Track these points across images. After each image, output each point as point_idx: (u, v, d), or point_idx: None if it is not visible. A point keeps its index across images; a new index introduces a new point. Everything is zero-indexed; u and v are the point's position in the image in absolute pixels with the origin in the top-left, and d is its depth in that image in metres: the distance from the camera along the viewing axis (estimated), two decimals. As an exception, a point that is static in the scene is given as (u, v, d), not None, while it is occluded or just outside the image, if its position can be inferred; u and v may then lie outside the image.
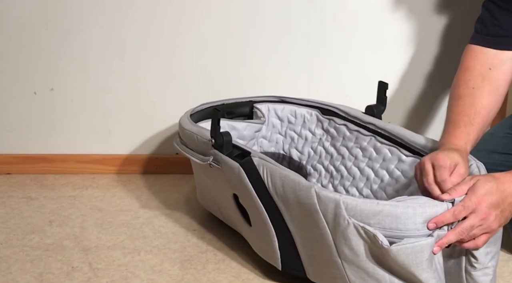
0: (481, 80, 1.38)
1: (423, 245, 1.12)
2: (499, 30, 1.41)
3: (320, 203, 1.18)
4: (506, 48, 1.40)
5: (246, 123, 1.64)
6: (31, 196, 1.75)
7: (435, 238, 1.13)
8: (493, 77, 1.39)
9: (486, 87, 1.38)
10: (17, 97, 1.85)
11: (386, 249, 1.12)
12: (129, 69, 1.84)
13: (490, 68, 1.40)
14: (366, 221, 1.13)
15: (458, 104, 1.37)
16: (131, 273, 1.38)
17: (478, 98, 1.36)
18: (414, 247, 1.11)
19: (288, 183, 1.24)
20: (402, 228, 1.12)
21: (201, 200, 1.62)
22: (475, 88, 1.37)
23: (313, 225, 1.21)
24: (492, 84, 1.38)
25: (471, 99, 1.36)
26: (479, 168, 1.27)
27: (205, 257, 1.45)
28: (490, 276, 1.22)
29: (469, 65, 1.41)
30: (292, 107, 1.68)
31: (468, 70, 1.41)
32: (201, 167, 1.47)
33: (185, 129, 1.51)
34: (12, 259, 1.43)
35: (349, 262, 1.18)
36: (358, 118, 1.55)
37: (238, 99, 1.69)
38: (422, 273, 1.13)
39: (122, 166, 1.90)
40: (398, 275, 1.16)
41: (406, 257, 1.11)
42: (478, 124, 1.34)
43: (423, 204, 1.14)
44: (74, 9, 1.79)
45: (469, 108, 1.35)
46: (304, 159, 1.66)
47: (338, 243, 1.18)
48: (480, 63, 1.41)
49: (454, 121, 1.34)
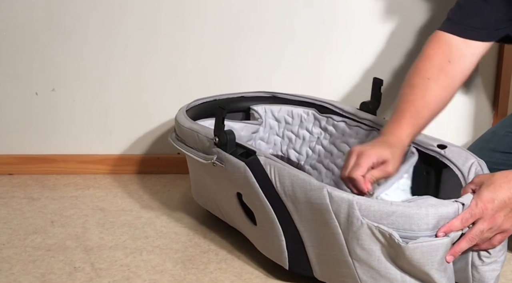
0: (438, 72, 1.38)
1: (439, 245, 1.12)
2: (473, 21, 1.40)
3: (332, 204, 1.18)
4: (474, 38, 1.40)
5: (244, 123, 1.63)
6: (33, 196, 1.75)
7: (450, 239, 1.14)
8: (450, 72, 1.39)
9: (441, 81, 1.37)
10: (18, 98, 1.86)
11: (403, 247, 1.12)
12: (130, 69, 1.84)
13: (450, 61, 1.39)
14: (380, 222, 1.14)
15: (410, 93, 1.37)
16: (133, 273, 1.38)
17: (431, 90, 1.36)
18: (430, 246, 1.12)
19: (298, 182, 1.24)
20: (415, 228, 1.13)
21: (196, 198, 1.61)
22: (430, 79, 1.37)
23: (324, 224, 1.21)
24: (447, 79, 1.38)
25: (424, 90, 1.36)
26: (481, 166, 1.28)
27: (207, 256, 1.45)
28: (497, 271, 1.22)
29: (430, 53, 1.41)
30: (289, 107, 1.68)
31: (428, 59, 1.40)
32: (201, 165, 1.46)
33: (184, 127, 1.50)
34: (14, 260, 1.43)
35: (360, 262, 1.18)
36: (353, 114, 1.56)
37: (230, 95, 1.69)
38: (436, 272, 1.14)
39: (124, 166, 1.90)
40: (410, 274, 1.16)
41: (421, 255, 1.12)
42: (425, 118, 1.35)
43: (435, 204, 1.14)
44: (75, 9, 1.79)
45: (420, 99, 1.36)
46: (303, 159, 1.66)
47: (350, 243, 1.18)
48: (441, 54, 1.40)
49: (402, 110, 1.35)
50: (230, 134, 1.37)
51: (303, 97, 1.67)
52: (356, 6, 1.80)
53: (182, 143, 1.51)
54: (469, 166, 1.29)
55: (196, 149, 1.47)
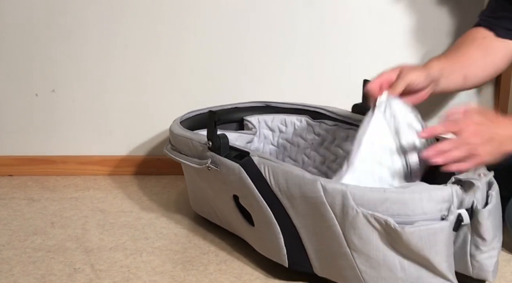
0: (480, 43, 1.45)
1: (436, 228, 1.13)
2: (505, 22, 1.45)
3: (327, 196, 1.19)
4: (507, 37, 1.45)
5: (238, 133, 1.64)
6: (33, 197, 1.75)
7: (449, 223, 1.14)
8: (486, 59, 1.45)
9: (481, 51, 1.44)
10: (18, 99, 1.86)
11: (400, 232, 1.13)
12: (130, 70, 1.84)
13: (486, 51, 1.45)
14: (374, 209, 1.15)
15: (452, 48, 1.45)
16: (133, 275, 1.38)
17: (472, 56, 1.43)
18: (428, 230, 1.13)
19: (292, 178, 1.24)
20: (410, 213, 1.14)
21: (194, 207, 1.62)
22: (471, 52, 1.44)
23: (320, 218, 1.21)
24: (488, 53, 1.44)
25: (466, 53, 1.43)
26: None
27: (207, 258, 1.45)
28: (494, 258, 1.23)
29: (474, 34, 1.48)
30: (282, 116, 1.68)
31: (473, 33, 1.48)
32: (196, 172, 1.47)
33: (178, 135, 1.51)
34: (14, 261, 1.43)
35: (358, 252, 1.19)
36: (347, 117, 1.56)
37: (224, 106, 1.69)
38: (435, 255, 1.14)
39: (124, 167, 1.90)
40: (409, 260, 1.17)
41: (419, 239, 1.13)
42: (458, 69, 1.41)
43: (428, 189, 1.15)
44: (75, 10, 1.79)
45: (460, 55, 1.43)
46: (299, 166, 1.66)
47: (347, 234, 1.19)
48: (478, 44, 1.45)
49: (439, 56, 1.43)
50: (223, 137, 1.38)
51: (296, 104, 1.68)
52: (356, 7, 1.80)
53: (177, 152, 1.52)
54: None
55: (190, 155, 1.47)
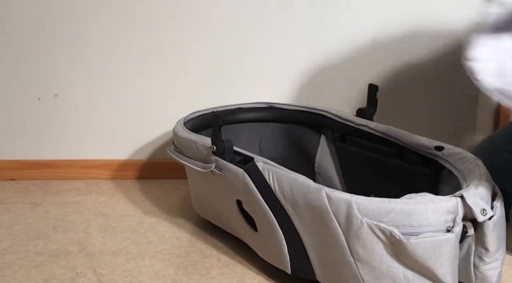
0: None
1: (442, 240, 1.13)
2: None
3: (331, 205, 1.19)
4: None
5: None
6: (35, 202, 1.75)
7: (455, 234, 1.14)
8: None
9: None
10: (21, 103, 1.86)
11: (405, 243, 1.13)
12: (133, 74, 1.84)
13: None
14: (379, 220, 1.15)
15: None
16: (135, 279, 1.38)
17: None
18: (433, 241, 1.13)
19: (296, 186, 1.24)
20: (415, 224, 1.13)
21: (196, 208, 1.62)
22: None
23: (324, 226, 1.21)
24: None
25: None
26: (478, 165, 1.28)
27: (209, 262, 1.45)
28: (498, 269, 1.23)
29: None
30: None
31: None
32: (200, 175, 1.47)
33: (182, 138, 1.50)
34: (16, 265, 1.43)
35: (362, 262, 1.19)
36: (350, 121, 1.56)
37: (227, 106, 1.69)
38: (440, 267, 1.14)
39: (126, 171, 1.90)
40: (413, 271, 1.17)
41: (424, 251, 1.13)
42: None
43: (433, 200, 1.15)
44: (77, 15, 1.79)
45: None
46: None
47: (351, 243, 1.18)
48: None
49: None
50: (228, 142, 1.38)
51: (299, 106, 1.67)
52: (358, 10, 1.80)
53: (181, 154, 1.52)
54: (467, 166, 1.29)
55: (194, 159, 1.47)
